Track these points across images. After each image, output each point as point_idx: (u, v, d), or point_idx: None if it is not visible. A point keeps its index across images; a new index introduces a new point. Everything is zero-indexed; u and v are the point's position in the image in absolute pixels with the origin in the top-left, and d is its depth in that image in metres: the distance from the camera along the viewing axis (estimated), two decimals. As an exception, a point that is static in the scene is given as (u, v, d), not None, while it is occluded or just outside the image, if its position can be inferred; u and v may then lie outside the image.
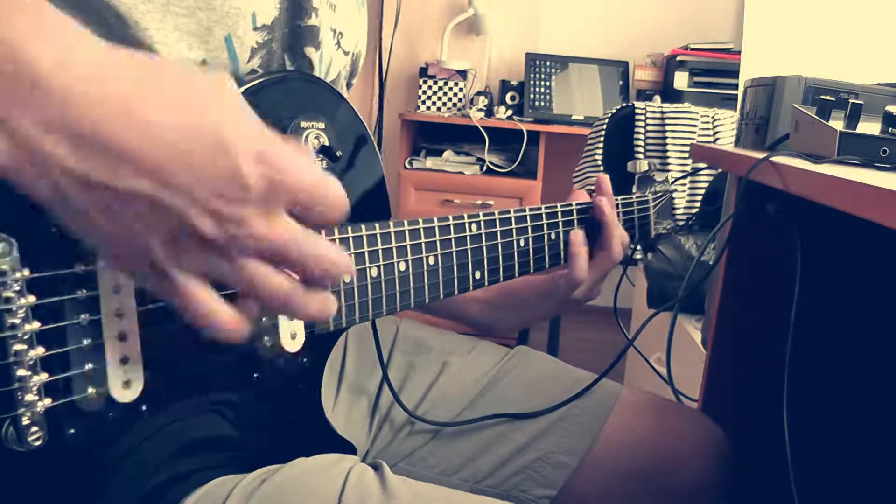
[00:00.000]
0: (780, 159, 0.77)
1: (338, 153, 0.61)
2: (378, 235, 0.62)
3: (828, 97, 0.81)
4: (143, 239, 0.39)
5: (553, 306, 0.83)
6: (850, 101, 0.77)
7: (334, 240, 0.59)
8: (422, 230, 0.66)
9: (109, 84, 0.37)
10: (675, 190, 0.97)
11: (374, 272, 0.62)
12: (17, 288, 0.43)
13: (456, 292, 0.70)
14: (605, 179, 0.83)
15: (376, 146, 0.66)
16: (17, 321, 0.43)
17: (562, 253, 0.80)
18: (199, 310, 0.41)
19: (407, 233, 0.65)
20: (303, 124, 0.60)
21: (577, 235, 0.79)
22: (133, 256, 0.40)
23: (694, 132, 2.08)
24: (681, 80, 2.77)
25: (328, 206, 0.42)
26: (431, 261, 0.67)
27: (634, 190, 0.95)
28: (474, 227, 0.71)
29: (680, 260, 1.54)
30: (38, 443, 0.45)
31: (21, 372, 0.44)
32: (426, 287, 0.67)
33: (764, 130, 1.00)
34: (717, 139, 2.10)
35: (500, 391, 0.83)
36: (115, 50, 0.39)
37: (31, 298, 0.44)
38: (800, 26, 1.58)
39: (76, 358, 0.47)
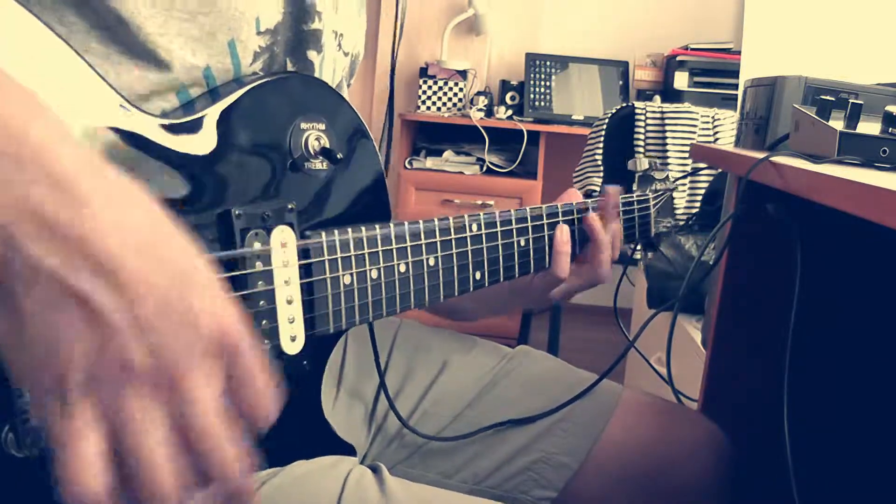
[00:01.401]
0: (780, 159, 0.77)
1: (338, 155, 0.61)
2: (378, 237, 0.62)
3: (828, 97, 0.81)
4: (67, 351, 0.34)
5: (524, 302, 0.83)
6: (850, 101, 0.77)
7: (335, 243, 0.59)
8: (422, 231, 0.66)
9: (94, 179, 0.36)
10: (676, 188, 0.97)
11: (375, 274, 0.62)
12: None
13: (456, 293, 0.70)
14: (614, 193, 0.82)
15: (377, 148, 0.66)
16: None
17: None
18: (75, 460, 0.34)
19: (407, 234, 0.65)
20: (303, 126, 0.60)
21: (563, 233, 0.78)
22: (45, 370, 0.34)
23: (694, 132, 2.08)
24: (681, 80, 2.77)
25: (260, 405, 0.39)
26: (432, 262, 0.67)
27: (635, 188, 0.95)
28: (475, 227, 0.71)
29: (680, 260, 1.54)
30: (36, 448, 0.45)
31: None
32: (426, 289, 0.67)
33: (764, 130, 1.00)
34: (717, 139, 2.10)
35: (501, 391, 0.83)
36: (102, 162, 0.37)
37: None
38: (800, 26, 1.58)
39: None
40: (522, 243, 0.76)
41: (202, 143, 0.54)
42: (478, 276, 0.72)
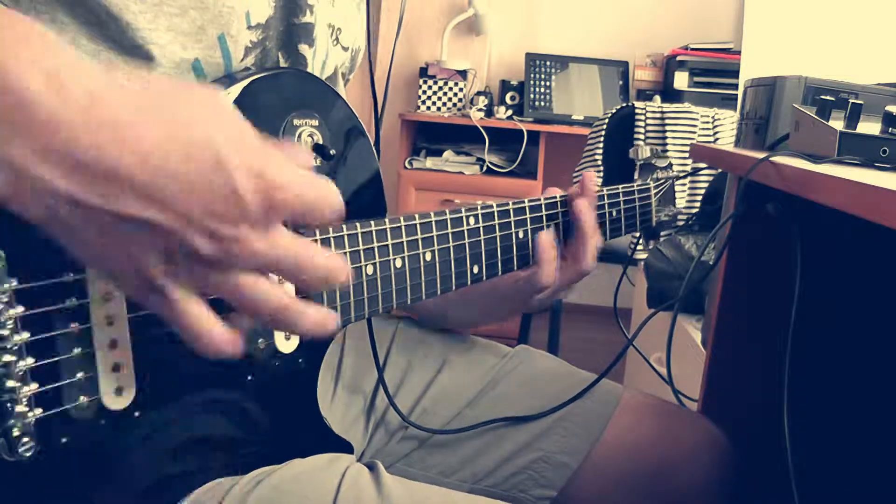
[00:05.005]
0: (780, 159, 0.76)
1: (331, 151, 0.60)
2: (373, 232, 0.62)
3: (828, 97, 0.80)
4: (138, 258, 0.39)
5: (517, 307, 0.80)
6: (850, 101, 0.77)
7: (329, 238, 0.59)
8: (418, 225, 0.66)
9: (104, 109, 0.37)
10: (678, 176, 0.97)
11: (370, 269, 0.62)
12: (6, 299, 0.43)
13: (453, 288, 0.69)
14: (591, 178, 0.78)
15: (372, 143, 0.66)
16: (5, 333, 0.43)
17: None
18: (194, 327, 0.41)
19: (403, 228, 0.64)
20: (296, 122, 0.59)
21: (547, 238, 0.75)
22: (128, 275, 0.40)
23: (694, 132, 2.08)
24: (681, 80, 2.77)
25: (324, 213, 0.43)
26: (428, 256, 0.66)
27: (636, 177, 0.94)
28: (472, 220, 0.70)
29: (680, 260, 1.53)
30: (29, 453, 0.45)
31: (10, 383, 0.44)
32: (423, 283, 0.66)
33: (764, 130, 1.00)
34: (717, 139, 2.10)
35: (501, 391, 0.83)
36: (111, 74, 0.39)
37: (20, 309, 0.43)
38: (800, 26, 1.57)
39: (67, 367, 0.46)
40: (521, 235, 0.75)
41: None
42: (475, 269, 0.71)
